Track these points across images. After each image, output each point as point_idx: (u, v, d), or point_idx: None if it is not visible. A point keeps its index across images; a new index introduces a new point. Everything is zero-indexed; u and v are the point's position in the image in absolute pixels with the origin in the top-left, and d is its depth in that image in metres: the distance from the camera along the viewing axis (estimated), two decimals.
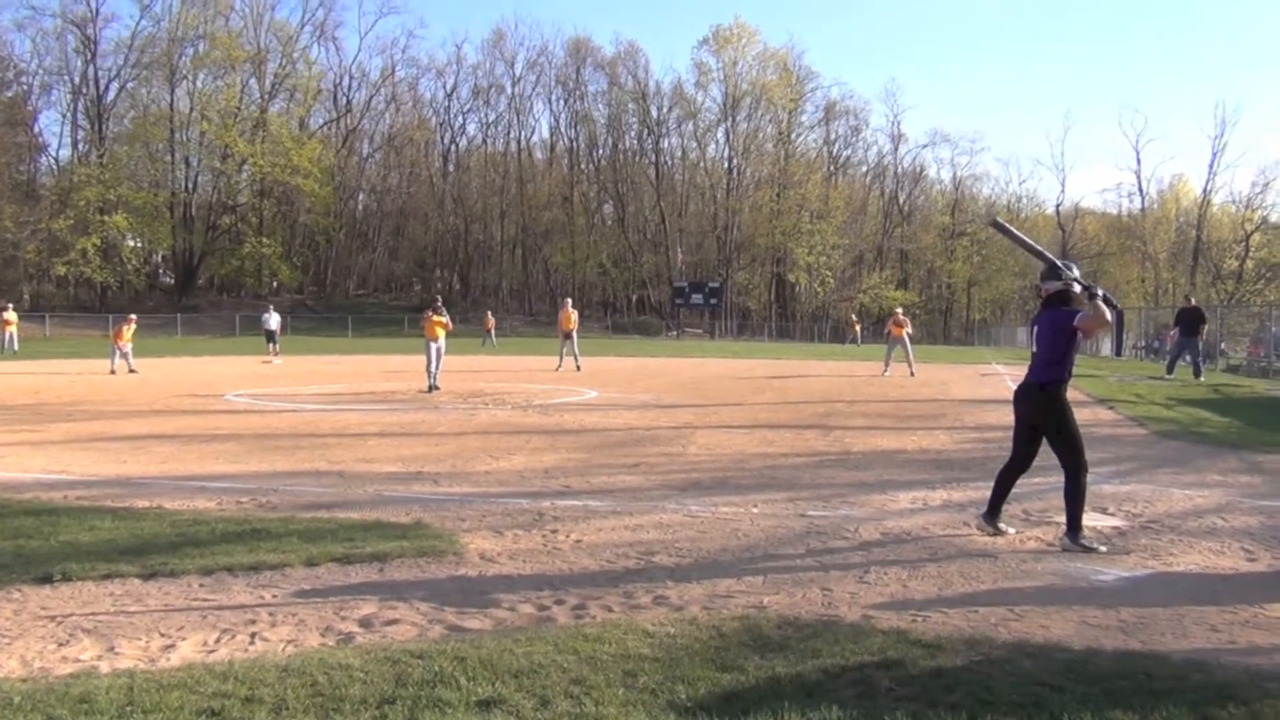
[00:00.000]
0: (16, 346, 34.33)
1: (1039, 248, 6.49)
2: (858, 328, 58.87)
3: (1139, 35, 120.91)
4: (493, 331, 45.86)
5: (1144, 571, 5.52)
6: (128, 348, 25.51)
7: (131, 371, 24.58)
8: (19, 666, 3.86)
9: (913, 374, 24.86)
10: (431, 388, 18.28)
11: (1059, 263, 6.15)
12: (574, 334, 26.23)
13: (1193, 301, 24.33)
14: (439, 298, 22.30)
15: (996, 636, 4.24)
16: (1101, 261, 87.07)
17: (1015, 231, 6.73)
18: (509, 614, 4.61)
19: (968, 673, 3.71)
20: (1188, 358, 22.87)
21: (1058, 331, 6.05)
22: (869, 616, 4.53)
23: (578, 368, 25.64)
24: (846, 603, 4.81)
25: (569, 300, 28.96)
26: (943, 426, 13.32)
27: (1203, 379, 21.49)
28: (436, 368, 18.60)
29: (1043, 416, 6.20)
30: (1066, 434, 6.11)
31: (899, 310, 28.94)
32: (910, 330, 26.84)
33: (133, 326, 26.37)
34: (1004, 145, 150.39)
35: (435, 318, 19.01)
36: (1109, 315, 5.90)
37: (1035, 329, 6.24)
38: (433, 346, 18.61)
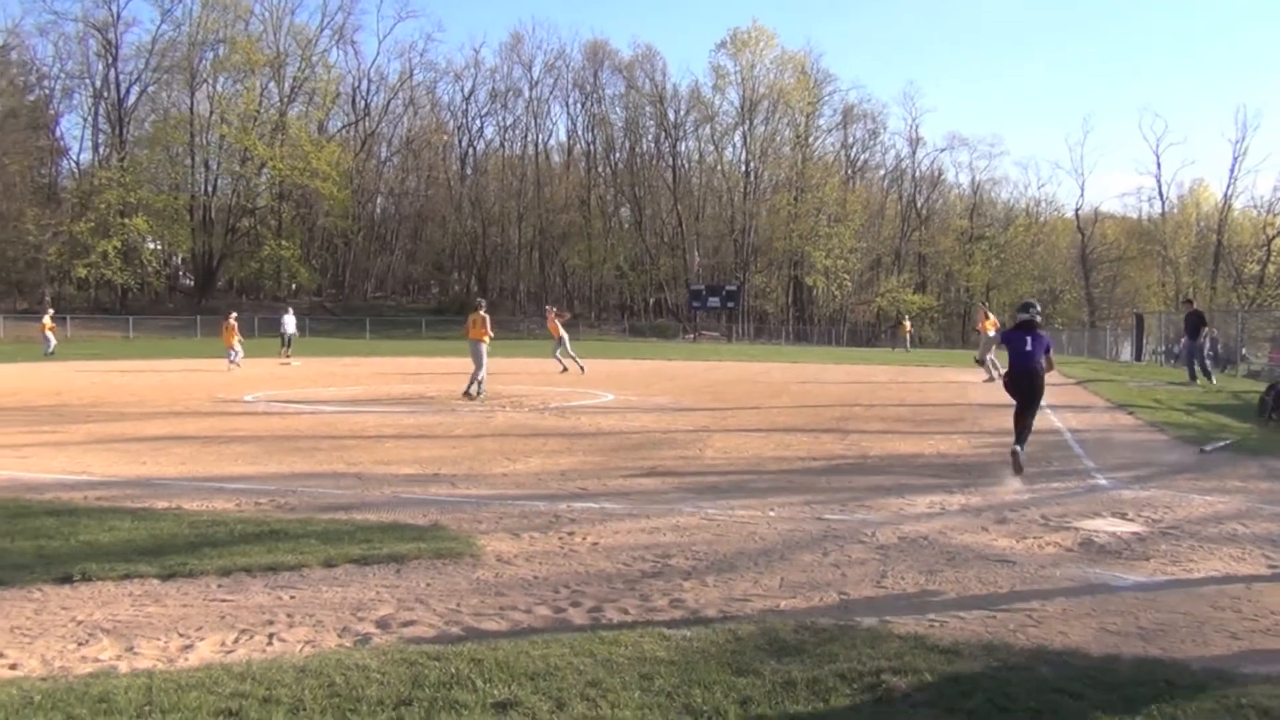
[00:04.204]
0: (54, 349, 34.81)
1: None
2: (909, 332, 57.59)
3: (1160, 39, 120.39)
4: None
5: (1163, 578, 5.48)
6: (237, 345, 28.29)
7: (233, 366, 27.25)
8: (39, 665, 3.89)
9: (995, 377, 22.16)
10: (466, 393, 17.32)
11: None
12: (564, 337, 24.96)
13: (1195, 304, 23.95)
14: (483, 301, 20.12)
15: (1014, 642, 4.22)
16: (1121, 266, 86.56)
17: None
18: (525, 616, 4.61)
19: (985, 679, 3.69)
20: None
21: (1047, 344, 9.50)
22: (886, 621, 4.51)
23: (564, 370, 24.67)
24: (863, 607, 4.79)
25: (551, 308, 26.83)
26: (961, 431, 13.26)
27: (1198, 384, 21.21)
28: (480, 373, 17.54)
29: (1041, 390, 9.48)
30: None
31: (984, 304, 27.44)
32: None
33: (230, 326, 28.72)
34: (1023, 149, 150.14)
35: (477, 321, 17.79)
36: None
37: (1029, 339, 9.36)
38: (481, 347, 17.52)
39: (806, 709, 3.36)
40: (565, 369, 24.88)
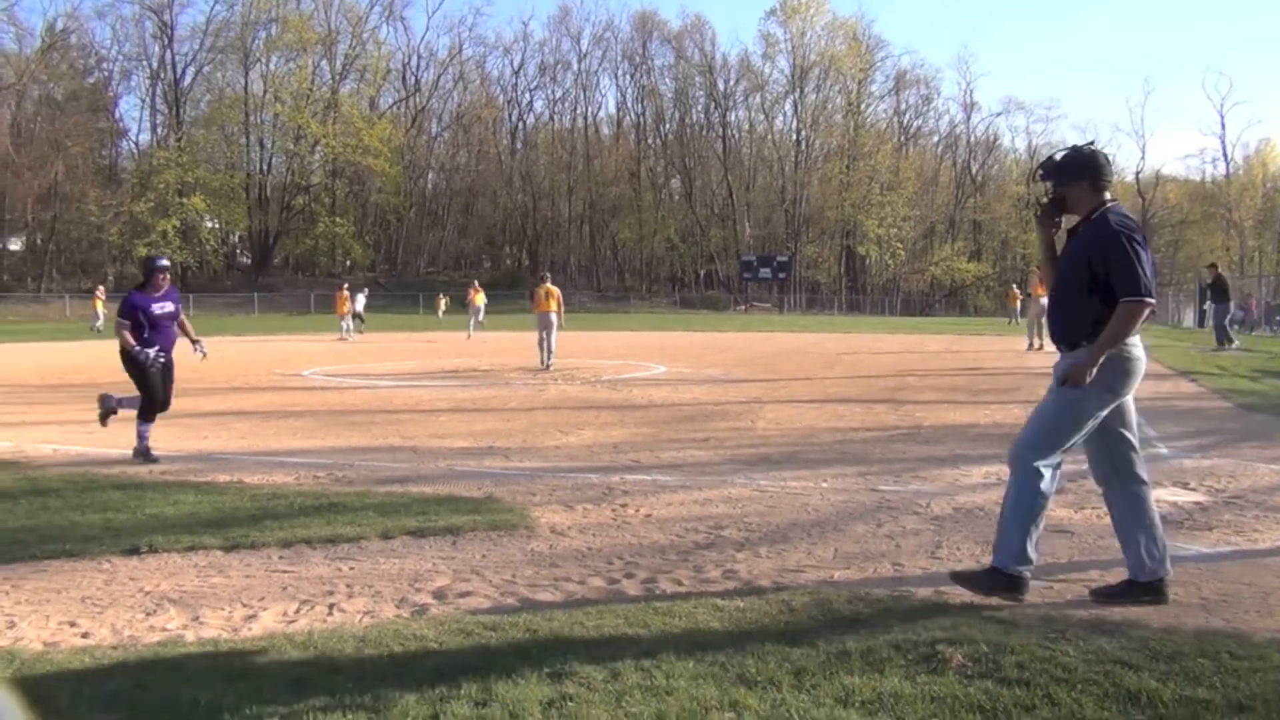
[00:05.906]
0: (100, 325, 35.74)
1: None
2: (1019, 301, 55.32)
3: None
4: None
5: (1227, 548, 5.38)
6: (349, 316, 30.71)
7: (350, 338, 29.67)
8: (110, 634, 4.01)
9: (1039, 346, 21.98)
10: (546, 366, 18.08)
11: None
12: (480, 308, 32.59)
13: (1219, 269, 24.47)
14: (548, 274, 20.52)
15: (1072, 613, 4.17)
16: (1184, 230, 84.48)
17: None
18: (579, 587, 4.65)
19: (1042, 649, 3.65)
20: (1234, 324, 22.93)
21: None
22: (941, 592, 4.48)
23: (469, 337, 30.42)
24: (918, 578, 4.76)
25: (474, 282, 35.96)
26: (1017, 400, 13.06)
27: (1225, 349, 20.79)
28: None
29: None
30: None
31: (1038, 269, 27.59)
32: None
33: (343, 296, 31.00)
34: (1081, 112, 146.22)
35: (550, 294, 18.27)
36: None
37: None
38: (552, 318, 18.12)
39: (861, 679, 3.35)
40: (470, 336, 30.34)
